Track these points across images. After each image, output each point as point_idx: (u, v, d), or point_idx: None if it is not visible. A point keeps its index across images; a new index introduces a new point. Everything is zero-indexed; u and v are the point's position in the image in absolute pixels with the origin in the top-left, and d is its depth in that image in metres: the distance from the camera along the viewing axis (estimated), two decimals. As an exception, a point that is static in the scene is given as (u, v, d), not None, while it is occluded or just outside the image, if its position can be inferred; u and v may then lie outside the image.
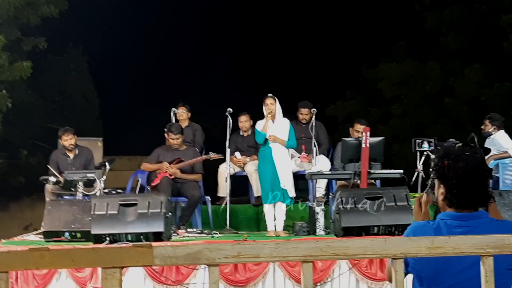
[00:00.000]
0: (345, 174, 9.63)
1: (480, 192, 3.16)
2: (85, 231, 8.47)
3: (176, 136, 10.12)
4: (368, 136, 9.38)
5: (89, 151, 10.85)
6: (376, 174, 9.65)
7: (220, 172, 11.08)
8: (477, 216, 3.15)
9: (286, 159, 9.69)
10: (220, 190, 11.13)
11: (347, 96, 23.57)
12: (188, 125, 11.47)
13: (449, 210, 3.20)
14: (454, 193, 3.16)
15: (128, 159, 22.49)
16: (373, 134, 9.57)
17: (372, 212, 8.25)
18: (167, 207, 8.23)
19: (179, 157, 10.09)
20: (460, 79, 19.56)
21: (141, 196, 8.72)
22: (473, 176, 3.14)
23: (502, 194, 8.74)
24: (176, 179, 9.95)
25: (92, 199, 8.42)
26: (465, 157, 3.17)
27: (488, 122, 10.73)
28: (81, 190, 9.46)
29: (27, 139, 21.61)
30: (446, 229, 3.13)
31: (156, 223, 8.09)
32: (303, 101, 11.47)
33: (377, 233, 8.15)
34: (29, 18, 18.10)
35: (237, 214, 10.86)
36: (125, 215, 8.16)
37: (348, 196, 8.37)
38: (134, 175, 11.00)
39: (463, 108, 19.75)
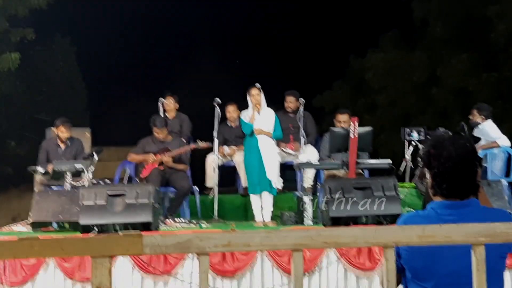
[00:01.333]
0: (333, 164, 9.64)
1: (466, 181, 3.15)
2: (73, 222, 8.45)
3: (161, 130, 10.13)
4: (356, 126, 9.38)
5: (80, 142, 10.83)
6: (365, 164, 9.65)
7: (208, 162, 11.07)
8: (468, 204, 3.14)
9: (273, 149, 9.68)
10: (208, 180, 11.12)
11: (334, 86, 23.59)
12: (175, 115, 11.45)
13: (437, 198, 3.20)
14: (438, 182, 3.15)
15: (116, 149, 22.40)
16: (360, 124, 9.56)
17: (360, 202, 8.25)
18: (155, 197, 8.22)
19: (165, 147, 10.09)
20: (447, 69, 19.61)
21: (129, 186, 8.70)
22: (458, 164, 3.11)
23: (490, 184, 8.77)
24: (165, 169, 9.94)
25: (80, 190, 8.39)
26: (449, 146, 3.15)
27: (476, 112, 10.74)
28: (69, 180, 9.43)
29: (14, 130, 21.53)
30: (436, 218, 3.12)
31: (144, 214, 8.08)
32: (290, 90, 11.50)
33: (366, 223, 8.17)
34: (17, 9, 18.02)
35: (225, 204, 10.85)
36: (113, 206, 8.15)
37: (336, 186, 8.37)
38: (122, 165, 10.98)
39: (450, 98, 19.81)
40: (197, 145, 10.21)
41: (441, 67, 19.89)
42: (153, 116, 10.45)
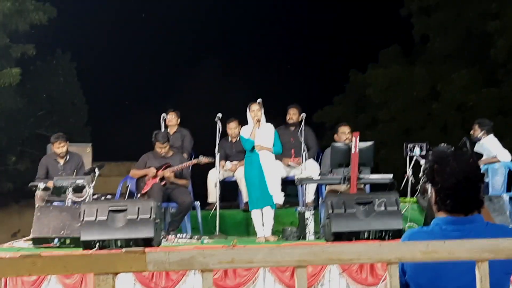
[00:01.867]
0: (335, 179, 9.63)
1: (470, 196, 3.15)
2: (74, 237, 8.44)
3: (164, 145, 10.14)
4: (357, 141, 9.38)
5: (80, 157, 10.83)
6: (366, 179, 9.65)
7: (210, 177, 11.07)
8: (473, 220, 3.14)
9: (274, 164, 9.68)
10: (209, 195, 11.11)
11: (334, 101, 23.60)
12: (177, 130, 11.46)
13: (441, 214, 3.20)
14: (441, 197, 3.16)
15: (117, 164, 22.45)
16: (361, 140, 9.57)
17: (362, 217, 8.24)
18: (156, 213, 8.21)
19: (167, 163, 10.09)
20: (447, 84, 19.63)
21: (130, 202, 8.68)
22: (461, 180, 3.12)
23: (492, 199, 8.76)
24: (166, 184, 9.94)
25: (82, 205, 8.38)
26: (453, 161, 3.16)
27: (477, 127, 10.75)
28: (70, 196, 9.42)
29: (15, 145, 21.55)
30: (441, 233, 3.12)
31: (145, 229, 8.06)
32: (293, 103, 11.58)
33: (368, 238, 8.15)
34: (17, 25, 18.10)
35: (227, 220, 10.84)
36: (114, 221, 8.14)
37: (338, 201, 8.37)
38: (123, 181, 10.97)
39: (450, 113, 19.83)
40: (199, 160, 10.21)
41: (441, 82, 19.92)
42: (156, 131, 10.45)
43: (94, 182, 9.65)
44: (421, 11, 21.73)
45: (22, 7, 18.05)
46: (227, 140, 11.40)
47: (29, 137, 22.08)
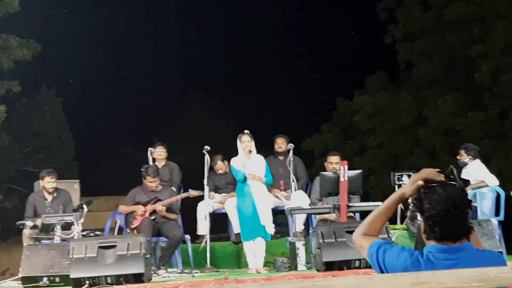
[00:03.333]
0: (324, 209, 9.63)
1: (458, 223, 3.15)
2: (64, 275, 8.36)
3: (154, 179, 10.10)
4: (346, 169, 9.40)
5: (67, 194, 10.79)
6: (356, 207, 9.67)
7: (199, 210, 11.04)
8: (463, 248, 3.14)
9: (265, 195, 9.68)
10: (199, 228, 11.08)
11: (322, 129, 23.65)
12: (165, 164, 11.44)
13: (430, 242, 3.20)
14: (430, 225, 3.16)
15: (105, 199, 22.41)
16: (350, 167, 9.60)
17: (353, 246, 8.22)
18: (146, 248, 8.17)
19: (156, 197, 10.05)
20: (433, 109, 19.73)
21: (120, 237, 8.64)
22: (449, 207, 3.13)
23: (480, 224, 8.77)
24: (156, 219, 9.90)
25: (70, 242, 8.33)
26: (440, 189, 3.18)
27: (463, 152, 10.79)
28: (58, 233, 9.37)
29: (2, 183, 21.45)
30: (433, 262, 3.12)
31: (136, 265, 8.01)
32: (281, 134, 11.62)
33: (359, 267, 8.13)
34: (1, 61, 18.10)
35: (217, 252, 10.80)
36: (104, 258, 8.08)
37: (329, 230, 8.35)
38: (112, 216, 10.92)
39: (438, 138, 19.90)
40: (189, 194, 10.18)
41: (427, 108, 20.01)
42: (145, 166, 10.41)
43: (82, 219, 9.61)
44: (405, 37, 21.90)
45: (6, 44, 18.08)
46: (215, 172, 11.41)
47: (16, 174, 22.00)
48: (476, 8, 19.65)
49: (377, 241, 3.35)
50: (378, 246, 3.32)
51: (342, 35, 29.02)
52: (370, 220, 3.47)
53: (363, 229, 3.44)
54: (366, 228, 3.44)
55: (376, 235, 3.43)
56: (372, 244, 3.34)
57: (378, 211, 3.47)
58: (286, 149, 11.23)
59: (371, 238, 3.39)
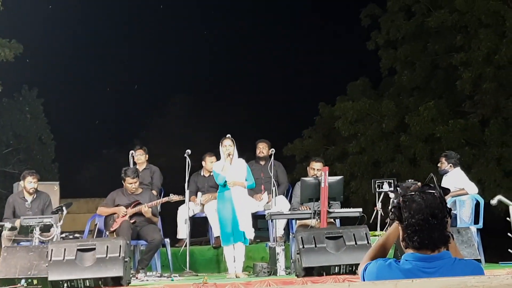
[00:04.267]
0: (305, 214, 9.64)
1: (437, 232, 3.16)
2: (42, 278, 8.30)
3: (134, 180, 10.05)
4: (327, 175, 9.41)
5: (47, 196, 10.74)
6: (336, 213, 9.69)
7: (179, 213, 11.01)
8: (441, 257, 3.15)
9: (246, 200, 9.66)
10: (179, 232, 11.05)
11: (304, 134, 23.66)
12: (146, 167, 11.40)
13: (409, 251, 3.20)
14: (409, 234, 3.16)
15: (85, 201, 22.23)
16: (331, 172, 9.63)
17: (332, 252, 8.24)
18: (126, 251, 8.13)
19: (137, 200, 10.00)
20: (415, 116, 19.80)
21: (99, 240, 8.59)
22: (428, 216, 3.14)
23: (460, 231, 8.80)
24: (136, 222, 9.85)
25: (49, 245, 8.28)
26: (419, 198, 3.18)
27: (444, 160, 10.83)
28: (37, 235, 9.31)
29: (-19, 183, 21.31)
30: (411, 271, 3.12)
31: (115, 268, 7.97)
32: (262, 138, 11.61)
33: (338, 273, 8.13)
34: (-17, 63, 17.99)
35: (197, 256, 10.77)
36: (83, 260, 8.04)
37: (309, 236, 8.35)
38: (92, 219, 10.87)
39: (419, 145, 19.97)
40: (170, 198, 10.14)
41: (409, 115, 20.09)
42: (125, 168, 10.36)
43: (61, 221, 9.55)
44: (388, 44, 21.99)
45: (-13, 45, 17.98)
46: (199, 174, 11.37)
47: (-4, 175, 21.87)
48: (458, 17, 19.78)
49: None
50: (367, 263, 3.34)
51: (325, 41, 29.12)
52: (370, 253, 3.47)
53: (366, 261, 3.43)
54: (368, 260, 3.43)
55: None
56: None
57: (377, 243, 3.49)
58: (267, 154, 11.23)
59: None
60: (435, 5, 21.02)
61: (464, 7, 19.47)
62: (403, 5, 21.59)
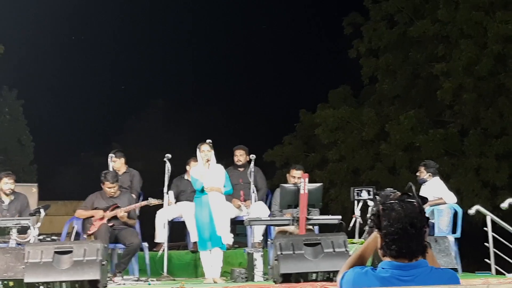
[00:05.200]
0: (284, 220, 9.64)
1: (415, 241, 3.17)
2: (18, 280, 8.25)
3: (113, 185, 10.01)
4: (306, 182, 9.42)
5: (25, 198, 10.67)
6: (315, 220, 9.69)
7: (158, 217, 10.97)
8: (417, 266, 3.16)
9: (223, 205, 9.65)
10: (157, 236, 11.01)
11: (284, 141, 23.68)
12: (126, 171, 11.35)
13: (386, 259, 3.21)
14: (387, 242, 3.17)
15: (63, 204, 22.14)
16: (311, 179, 9.62)
17: (310, 259, 8.24)
18: (103, 254, 8.09)
19: (115, 203, 9.97)
20: (395, 125, 19.89)
21: (76, 243, 8.55)
22: (406, 225, 3.15)
23: (437, 240, 8.84)
24: (114, 225, 9.81)
25: (26, 247, 8.23)
26: (398, 207, 3.19)
27: (423, 169, 10.88)
28: (14, 237, 9.24)
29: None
30: (388, 279, 3.13)
31: (91, 271, 7.93)
32: (239, 145, 11.56)
33: (316, 280, 8.14)
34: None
35: (175, 261, 10.73)
36: (60, 263, 7.99)
37: (287, 242, 8.35)
38: (70, 221, 10.81)
39: (398, 153, 20.05)
40: (149, 202, 10.11)
41: (389, 123, 20.17)
42: (105, 171, 10.31)
43: (39, 223, 9.49)
44: (370, 53, 22.07)
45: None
46: (182, 178, 11.30)
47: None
48: (440, 27, 19.91)
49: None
50: (345, 271, 3.34)
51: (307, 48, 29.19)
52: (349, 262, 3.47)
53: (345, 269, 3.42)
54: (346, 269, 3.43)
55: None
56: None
57: (356, 252, 3.50)
58: (245, 161, 11.23)
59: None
60: (417, 14, 21.16)
61: (446, 17, 19.61)
62: (386, 14, 21.70)
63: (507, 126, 18.81)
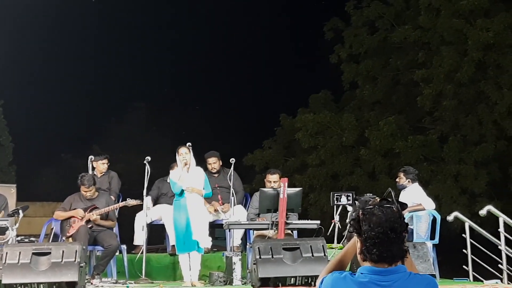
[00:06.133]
0: (263, 225, 9.66)
1: (395, 246, 3.19)
2: (-5, 281, 8.21)
3: (89, 189, 9.96)
4: (286, 186, 9.44)
5: (4, 198, 10.62)
6: (294, 225, 9.71)
7: (137, 220, 10.94)
8: (396, 271, 3.18)
9: (201, 209, 9.64)
10: (136, 238, 10.98)
11: (264, 145, 23.68)
12: (105, 172, 11.31)
13: (365, 264, 3.23)
14: (367, 247, 3.19)
15: (42, 205, 22.00)
16: (290, 184, 9.65)
17: (289, 263, 8.26)
18: (81, 256, 8.07)
19: (93, 205, 9.93)
20: (375, 131, 19.95)
21: (55, 245, 8.52)
22: (386, 230, 3.17)
23: (416, 246, 8.88)
24: (93, 227, 9.78)
25: (4, 248, 8.19)
26: (378, 212, 3.21)
27: (402, 175, 10.92)
28: (-8, 238, 9.20)
29: None
30: (366, 284, 3.14)
31: (69, 273, 7.91)
32: (209, 151, 11.49)
33: (294, 284, 8.16)
34: None
35: (153, 263, 10.71)
36: (38, 264, 7.97)
37: (266, 246, 8.36)
38: (48, 223, 10.76)
39: (378, 159, 20.12)
40: (127, 203, 10.09)
41: (369, 129, 20.23)
42: (82, 174, 10.26)
43: (17, 224, 9.45)
44: (351, 58, 22.14)
45: None
46: (165, 180, 11.22)
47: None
48: (421, 33, 20.03)
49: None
50: (324, 276, 3.36)
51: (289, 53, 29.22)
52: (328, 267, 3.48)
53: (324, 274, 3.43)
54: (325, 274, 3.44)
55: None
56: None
57: (335, 257, 3.51)
58: (219, 167, 11.22)
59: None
60: (398, 21, 21.27)
61: (427, 24, 19.73)
62: (367, 20, 21.79)
63: (486, 134, 18.94)
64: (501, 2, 19.38)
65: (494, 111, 18.65)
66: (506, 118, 18.47)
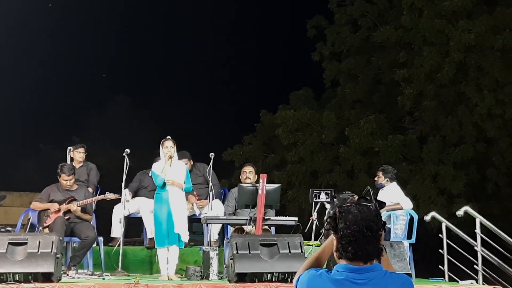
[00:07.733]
0: (241, 220, 9.66)
1: (371, 244, 3.20)
2: (-30, 270, 8.15)
3: (69, 178, 9.92)
4: (264, 182, 9.44)
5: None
6: (271, 221, 9.72)
7: (115, 212, 10.91)
8: (372, 269, 3.19)
9: (182, 202, 9.63)
10: (113, 230, 10.95)
11: (244, 141, 23.69)
12: (83, 164, 11.27)
13: (341, 261, 3.24)
14: (343, 245, 3.20)
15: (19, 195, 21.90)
16: (269, 180, 9.65)
17: (266, 259, 8.26)
18: (58, 247, 8.03)
19: (72, 196, 9.89)
20: (355, 129, 20.00)
21: (31, 235, 8.47)
22: (363, 228, 3.18)
23: (393, 245, 8.91)
24: (70, 219, 9.74)
25: (-20, 237, 8.13)
26: (355, 210, 3.22)
27: (381, 174, 10.96)
28: (-32, 227, 9.15)
29: None
30: (342, 282, 3.15)
31: (46, 264, 7.86)
32: (180, 151, 11.45)
33: (271, 280, 8.16)
34: None
35: (130, 256, 10.68)
36: (13, 254, 7.91)
37: (243, 242, 8.36)
38: (25, 213, 10.71)
39: (357, 157, 20.17)
40: (105, 196, 10.05)
41: (349, 127, 20.28)
42: (61, 164, 10.22)
43: (-6, 214, 9.40)
44: (333, 56, 22.18)
45: None
46: (147, 173, 11.15)
47: None
48: (403, 33, 20.09)
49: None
50: (301, 274, 3.36)
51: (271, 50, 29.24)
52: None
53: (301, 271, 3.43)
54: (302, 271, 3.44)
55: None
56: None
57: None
58: (191, 166, 11.19)
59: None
60: (381, 20, 21.33)
61: (410, 24, 19.80)
62: (350, 18, 21.83)
63: (465, 135, 19.05)
64: (483, 4, 19.50)
65: (474, 113, 18.76)
66: (485, 120, 18.59)
